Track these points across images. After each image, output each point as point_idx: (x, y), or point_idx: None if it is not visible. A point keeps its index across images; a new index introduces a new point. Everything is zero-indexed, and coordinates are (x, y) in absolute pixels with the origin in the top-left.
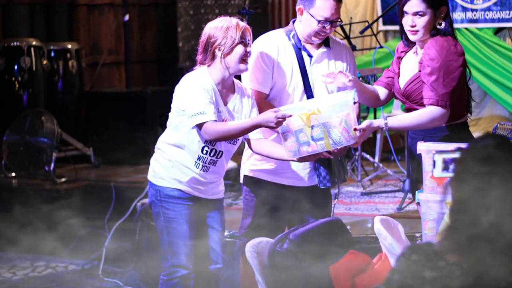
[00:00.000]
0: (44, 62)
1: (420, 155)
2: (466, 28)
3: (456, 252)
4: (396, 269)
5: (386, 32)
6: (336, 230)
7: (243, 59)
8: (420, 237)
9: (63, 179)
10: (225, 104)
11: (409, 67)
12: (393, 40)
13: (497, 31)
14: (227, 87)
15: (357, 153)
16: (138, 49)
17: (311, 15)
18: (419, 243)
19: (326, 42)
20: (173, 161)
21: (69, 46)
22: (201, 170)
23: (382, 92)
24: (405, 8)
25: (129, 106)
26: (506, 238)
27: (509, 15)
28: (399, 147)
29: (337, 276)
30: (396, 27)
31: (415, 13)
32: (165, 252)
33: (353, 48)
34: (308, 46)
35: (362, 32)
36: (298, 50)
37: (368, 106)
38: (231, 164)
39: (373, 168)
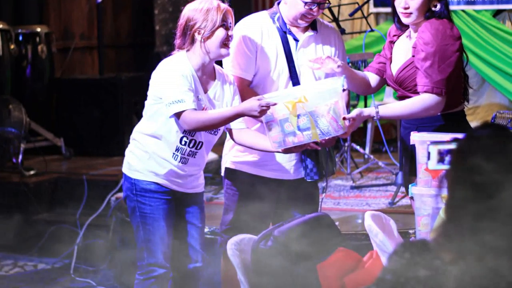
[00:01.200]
0: (12, 46)
1: (413, 146)
2: (463, 10)
3: (452, 250)
4: (388, 268)
5: (377, 15)
6: (324, 226)
7: (225, 43)
8: (413, 234)
9: (32, 172)
10: (205, 91)
11: (402, 52)
12: (384, 23)
13: (496, 13)
14: (207, 74)
15: (346, 144)
16: (111, 33)
17: None
18: (413, 240)
19: (313, 25)
20: (149, 152)
21: (39, 29)
22: (179, 162)
23: (373, 79)
24: None
25: (103, 94)
26: (506, 235)
27: None
28: (391, 137)
29: (325, 276)
30: (388, 9)
31: None
32: (140, 250)
33: (342, 31)
34: (294, 30)
35: (351, 14)
36: (283, 33)
37: (358, 93)
38: (212, 156)
39: (364, 160)
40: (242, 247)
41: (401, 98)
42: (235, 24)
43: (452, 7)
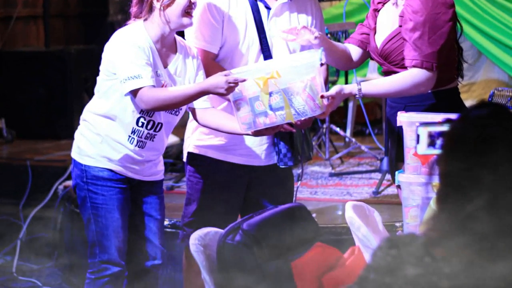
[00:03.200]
0: None
1: (401, 127)
2: None
3: (444, 246)
4: (372, 265)
5: None
6: (299, 218)
7: (187, 11)
8: (401, 227)
9: None
10: (165, 66)
11: (388, 21)
12: None
13: None
14: (167, 46)
15: (324, 126)
16: (59, 0)
17: None
18: (400, 234)
19: None
20: (102, 135)
21: None
22: (136, 146)
23: (355, 52)
24: None
25: (49, 69)
26: (505, 228)
27: None
28: (376, 118)
29: (301, 274)
30: None
31: None
32: (92, 246)
33: None
34: None
35: None
36: (254, 0)
37: (338, 68)
38: (173, 139)
39: (344, 143)
40: (206, 242)
41: (386, 73)
42: None
43: None
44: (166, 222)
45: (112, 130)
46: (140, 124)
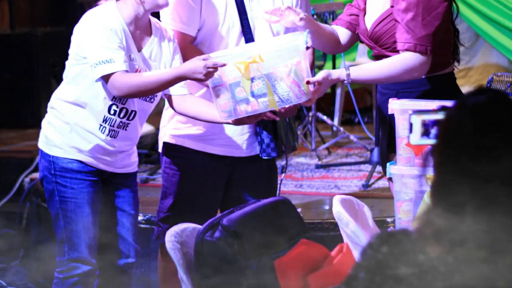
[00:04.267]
0: None
1: (392, 116)
2: None
3: (439, 243)
4: (361, 264)
5: None
6: (283, 213)
7: None
8: (392, 223)
9: None
10: (139, 49)
11: (379, 1)
12: None
13: None
14: (141, 28)
15: (310, 114)
16: None
17: None
18: (391, 230)
19: None
20: (71, 124)
21: None
22: (107, 135)
23: (343, 34)
24: None
25: (14, 52)
26: (505, 224)
27: None
28: (366, 105)
29: (284, 273)
30: None
31: None
32: (61, 243)
33: None
34: None
35: None
36: None
37: (325, 52)
38: (147, 128)
39: (332, 133)
40: (184, 239)
41: (377, 57)
42: None
43: None
44: (140, 218)
45: (82, 119)
46: (112, 112)
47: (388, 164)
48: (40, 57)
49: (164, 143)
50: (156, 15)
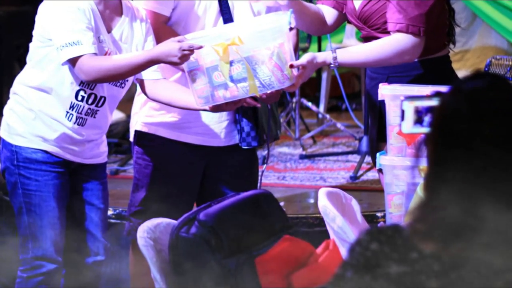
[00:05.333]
0: None
1: (383, 102)
2: None
3: (433, 239)
4: (349, 262)
5: None
6: (265, 207)
7: None
8: (383, 218)
9: None
10: (109, 30)
11: None
12: None
13: None
14: (111, 8)
15: (294, 100)
16: None
17: None
18: (382, 226)
19: None
20: (35, 111)
21: None
22: (75, 123)
23: (330, 14)
24: None
25: None
26: (504, 219)
27: None
28: (354, 91)
29: (266, 272)
30: None
31: None
32: (24, 239)
33: None
34: None
35: None
36: None
37: (310, 33)
38: (118, 116)
39: (317, 120)
40: (157, 235)
41: (366, 39)
42: None
43: None
44: (110, 212)
45: (47, 105)
46: (79, 98)
47: (378, 154)
48: (3, 38)
49: (136, 131)
50: None
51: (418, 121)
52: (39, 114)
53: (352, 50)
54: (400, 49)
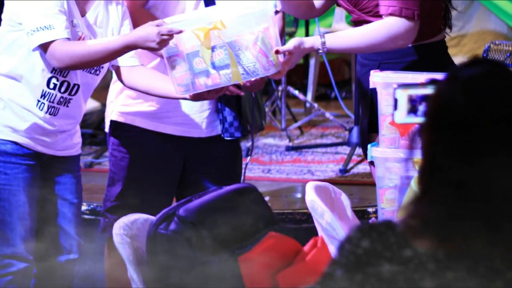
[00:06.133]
0: None
1: (374, 90)
2: None
3: (428, 236)
4: (339, 261)
5: None
6: (249, 202)
7: None
8: (374, 213)
9: None
10: (83, 14)
11: None
12: None
13: None
14: None
15: (280, 88)
16: None
17: None
18: (373, 221)
19: None
20: (4, 99)
21: None
22: (46, 113)
23: None
24: None
25: None
26: (503, 214)
27: None
28: (344, 78)
29: (250, 271)
30: None
31: None
32: None
33: None
34: None
35: None
36: None
37: (297, 17)
38: (92, 105)
39: (305, 110)
40: (134, 232)
41: (356, 23)
42: None
43: None
44: (84, 207)
45: (17, 94)
46: (51, 86)
47: (369, 146)
48: None
49: (112, 121)
50: None
51: (412, 110)
52: (8, 103)
53: (341, 34)
54: (393, 34)
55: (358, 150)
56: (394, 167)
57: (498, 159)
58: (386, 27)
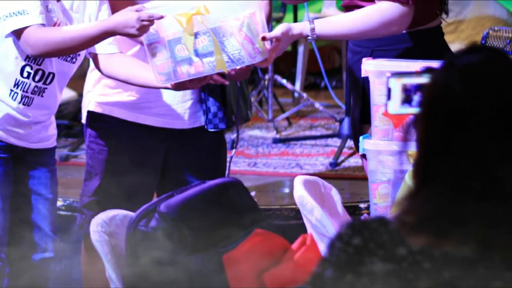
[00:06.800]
0: None
1: (366, 79)
2: None
3: (423, 233)
4: (329, 259)
5: None
6: (234, 198)
7: None
8: (367, 209)
9: None
10: None
11: None
12: None
13: None
14: None
15: (267, 77)
16: None
17: None
18: (365, 218)
19: None
20: None
21: None
22: (20, 103)
23: None
24: None
25: None
26: (503, 210)
27: None
28: (334, 67)
29: (235, 271)
30: None
31: None
32: None
33: None
34: None
35: None
36: None
37: (285, 2)
38: (68, 94)
39: (293, 100)
40: (112, 229)
41: (347, 8)
42: None
43: None
44: (59, 203)
45: None
46: (25, 74)
47: (361, 138)
48: None
49: (89, 112)
50: None
51: (406, 100)
52: None
53: (332, 20)
54: (386, 19)
55: (349, 143)
56: (387, 160)
57: (498, 151)
58: (379, 12)
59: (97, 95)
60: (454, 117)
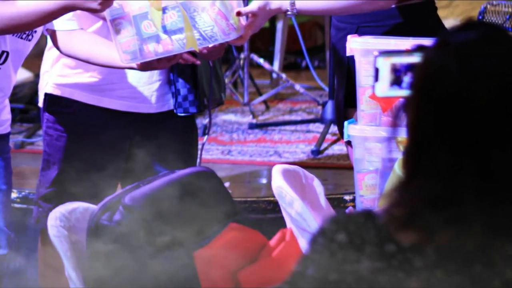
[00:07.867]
0: None
1: (352, 58)
2: None
3: (414, 228)
4: (310, 257)
5: None
6: (206, 189)
7: None
8: (352, 201)
9: None
10: None
11: None
12: None
13: None
14: None
15: (242, 56)
16: None
17: None
18: (351, 211)
19: None
20: None
21: None
22: None
23: None
24: None
25: None
26: (501, 204)
27: None
28: (316, 44)
29: (208, 269)
30: None
31: None
32: None
33: None
34: None
35: None
36: None
37: None
38: (24, 75)
39: (271, 81)
40: (72, 224)
41: None
42: None
43: None
44: (14, 195)
45: None
46: None
47: (346, 123)
48: None
49: (46, 94)
50: None
51: (396, 82)
52: None
53: None
54: None
55: (333, 128)
56: (374, 147)
57: (496, 137)
58: None
59: (55, 76)
60: (449, 100)
